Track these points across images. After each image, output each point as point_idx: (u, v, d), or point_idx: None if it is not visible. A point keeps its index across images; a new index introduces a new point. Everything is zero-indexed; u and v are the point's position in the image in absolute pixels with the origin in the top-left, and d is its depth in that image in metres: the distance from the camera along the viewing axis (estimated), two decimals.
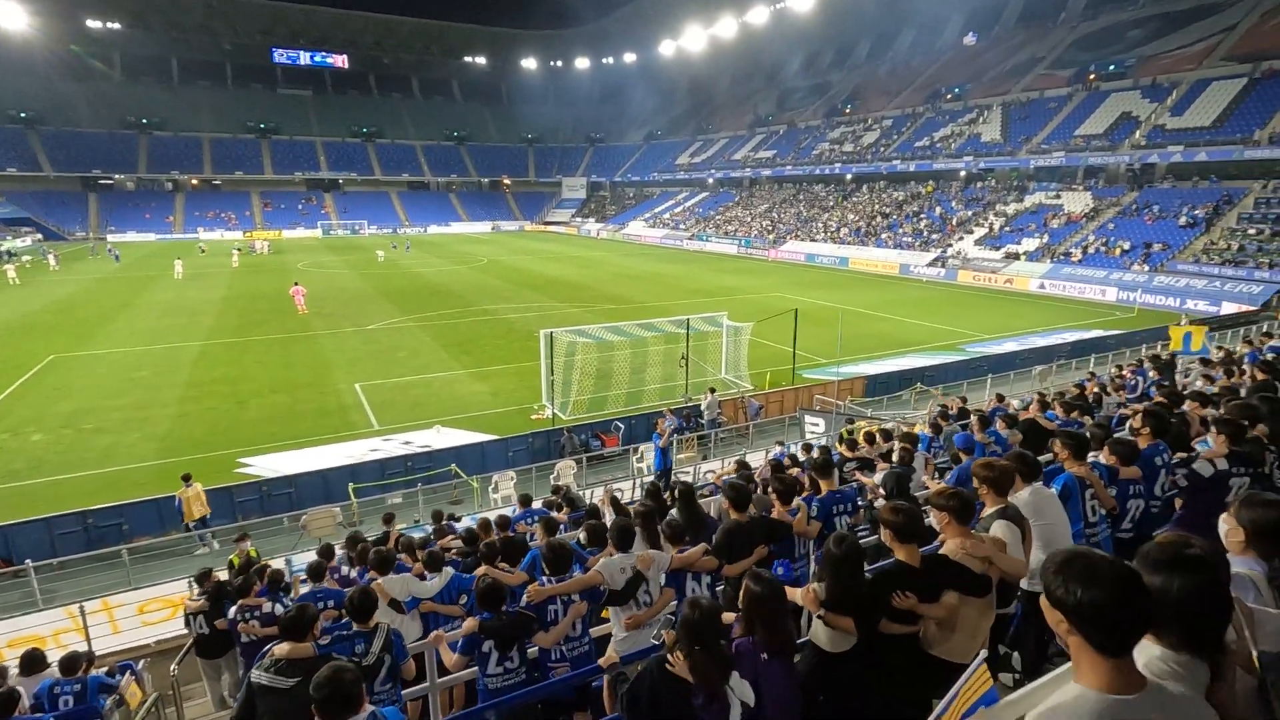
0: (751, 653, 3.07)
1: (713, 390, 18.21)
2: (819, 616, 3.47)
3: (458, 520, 10.92)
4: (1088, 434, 5.69)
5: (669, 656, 3.01)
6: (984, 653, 2.19)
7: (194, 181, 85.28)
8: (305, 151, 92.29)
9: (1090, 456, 5.32)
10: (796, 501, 5.70)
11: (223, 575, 8.35)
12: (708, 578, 4.79)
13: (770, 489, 5.53)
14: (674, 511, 6.14)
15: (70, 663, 6.38)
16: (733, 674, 2.97)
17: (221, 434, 17.94)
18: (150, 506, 13.23)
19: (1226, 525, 2.68)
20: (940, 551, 3.58)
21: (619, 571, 4.56)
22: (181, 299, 37.29)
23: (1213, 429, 4.81)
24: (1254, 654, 2.05)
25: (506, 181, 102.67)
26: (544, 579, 4.72)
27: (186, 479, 12.87)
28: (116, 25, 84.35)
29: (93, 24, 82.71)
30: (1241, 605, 2.14)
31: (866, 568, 3.70)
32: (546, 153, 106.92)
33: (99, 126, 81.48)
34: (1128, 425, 6.29)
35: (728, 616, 3.51)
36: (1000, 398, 12.37)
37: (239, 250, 56.63)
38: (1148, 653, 1.92)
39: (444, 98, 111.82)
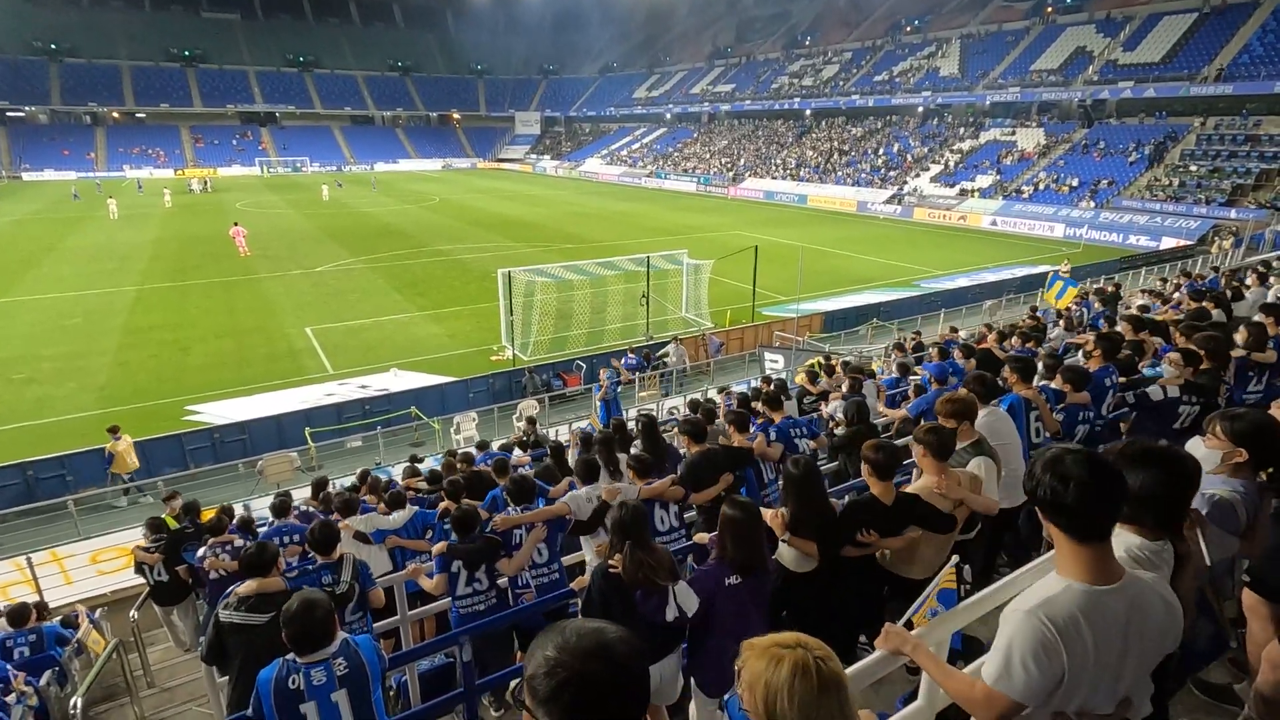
0: (715, 574, 3.21)
1: (678, 339, 17.92)
2: (784, 540, 3.60)
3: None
4: (1039, 361, 5.88)
5: (610, 561, 3.23)
6: (955, 558, 2.27)
7: (115, 114, 78.98)
8: (237, 82, 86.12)
9: (1039, 382, 5.51)
10: (753, 429, 5.83)
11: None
12: (675, 506, 4.90)
13: (726, 419, 5.70)
14: (637, 444, 6.21)
15: (18, 614, 6.18)
16: (679, 581, 3.17)
17: (166, 382, 17.26)
18: (96, 456, 12.73)
19: (1222, 447, 2.68)
20: (914, 488, 3.67)
21: (585, 502, 4.68)
22: (112, 242, 35.08)
23: (1176, 357, 4.95)
24: (1204, 554, 2.19)
25: (456, 116, 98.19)
26: (510, 509, 4.80)
27: (114, 431, 12.28)
28: None
29: None
30: (1197, 515, 2.29)
31: (834, 495, 3.80)
32: (497, 85, 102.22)
33: (1, 52, 74.28)
34: (1080, 351, 6.51)
35: (701, 537, 3.59)
36: (953, 329, 12.78)
37: (167, 192, 53.07)
38: (1126, 542, 2.08)
39: (385, 24, 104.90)
